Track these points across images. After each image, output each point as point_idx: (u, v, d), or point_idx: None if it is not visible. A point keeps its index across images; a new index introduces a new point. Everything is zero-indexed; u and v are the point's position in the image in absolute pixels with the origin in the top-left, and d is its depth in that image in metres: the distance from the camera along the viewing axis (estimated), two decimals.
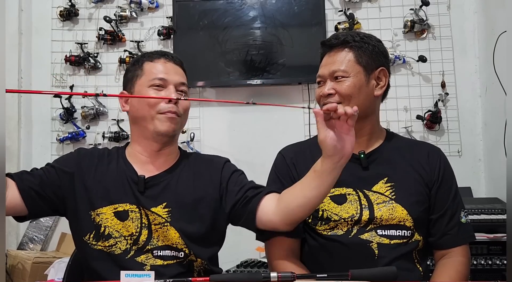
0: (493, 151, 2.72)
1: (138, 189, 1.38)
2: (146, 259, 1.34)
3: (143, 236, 1.34)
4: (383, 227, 1.36)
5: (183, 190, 1.41)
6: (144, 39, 3.05)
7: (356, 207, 1.38)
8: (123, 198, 1.37)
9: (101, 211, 1.36)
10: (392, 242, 1.35)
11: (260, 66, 2.91)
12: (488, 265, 2.23)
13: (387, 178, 1.40)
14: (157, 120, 1.37)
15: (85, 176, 1.39)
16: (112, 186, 1.38)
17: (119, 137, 2.96)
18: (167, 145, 1.43)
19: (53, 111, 3.04)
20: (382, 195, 1.39)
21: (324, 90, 1.40)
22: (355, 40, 1.43)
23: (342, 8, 2.98)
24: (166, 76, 1.39)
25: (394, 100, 2.89)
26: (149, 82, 1.39)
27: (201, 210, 1.39)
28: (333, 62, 1.42)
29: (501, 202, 2.45)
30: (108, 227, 1.35)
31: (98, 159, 1.43)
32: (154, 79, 1.39)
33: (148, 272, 0.99)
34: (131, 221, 1.35)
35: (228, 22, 2.94)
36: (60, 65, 3.09)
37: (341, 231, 1.38)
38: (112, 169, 1.42)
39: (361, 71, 1.41)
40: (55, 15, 3.09)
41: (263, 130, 2.99)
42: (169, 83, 1.39)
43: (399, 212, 1.36)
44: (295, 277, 1.03)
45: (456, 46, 2.95)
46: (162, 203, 1.37)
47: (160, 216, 1.36)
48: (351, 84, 1.40)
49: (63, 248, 2.94)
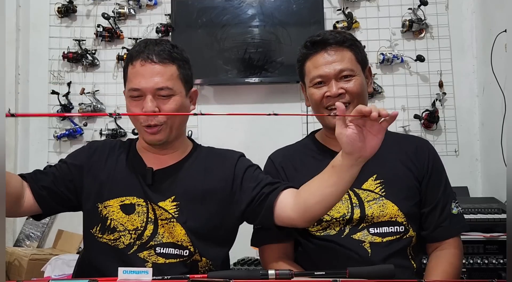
0: (490, 151, 2.73)
1: (146, 181, 1.35)
2: (149, 256, 1.31)
3: (148, 231, 1.32)
4: (375, 225, 1.36)
5: (192, 184, 1.36)
6: (142, 36, 3.04)
7: (347, 206, 1.38)
8: (131, 191, 1.34)
9: (108, 204, 1.34)
10: (385, 240, 1.35)
11: (258, 65, 2.91)
12: (484, 264, 2.23)
13: (376, 175, 1.39)
14: (143, 132, 1.33)
15: (95, 169, 1.37)
16: (120, 178, 1.36)
17: (116, 134, 2.95)
18: (168, 145, 1.38)
19: (51, 108, 3.03)
20: (372, 192, 1.38)
21: (332, 91, 1.36)
22: (349, 39, 1.41)
23: (340, 7, 2.98)
24: (140, 85, 1.29)
25: (392, 100, 2.89)
26: (128, 93, 1.32)
27: (210, 206, 1.35)
28: (336, 61, 1.38)
29: (497, 202, 2.46)
30: (113, 220, 1.33)
31: (109, 150, 1.41)
32: (130, 90, 1.31)
33: (146, 269, 0.97)
34: (137, 215, 1.33)
35: (227, 20, 2.93)
36: (57, 62, 3.08)
37: (333, 231, 1.38)
38: (122, 161, 1.39)
39: (361, 70, 1.41)
40: (53, 11, 3.07)
41: (260, 128, 2.99)
42: (145, 92, 1.29)
43: (389, 208, 1.36)
44: (293, 275, 1.03)
45: (454, 46, 2.96)
46: (170, 197, 1.34)
47: (167, 211, 1.33)
48: (359, 82, 1.38)
49: (59, 245, 2.93)
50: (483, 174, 2.89)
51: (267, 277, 1.02)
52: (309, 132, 1.61)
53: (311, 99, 1.44)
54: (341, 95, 1.37)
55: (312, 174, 1.43)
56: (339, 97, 1.36)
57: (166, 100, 1.30)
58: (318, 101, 1.40)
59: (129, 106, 1.33)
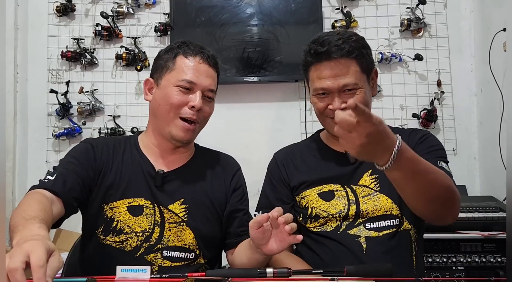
0: (488, 150, 2.73)
1: (155, 183, 1.34)
2: (155, 259, 1.30)
3: (155, 234, 1.31)
4: (370, 220, 1.37)
5: (201, 187, 1.39)
6: (141, 35, 3.04)
7: (344, 203, 1.39)
8: (139, 192, 1.33)
9: (114, 205, 1.32)
10: (381, 234, 1.36)
11: (257, 64, 2.91)
12: (482, 263, 2.24)
13: (371, 170, 1.41)
14: (174, 125, 1.33)
15: (102, 166, 1.35)
16: (128, 179, 1.35)
17: (115, 133, 2.95)
18: (182, 146, 1.41)
19: (49, 107, 3.02)
20: (367, 187, 1.40)
21: (335, 105, 1.35)
22: (356, 47, 1.36)
23: (339, 6, 2.98)
24: (196, 80, 1.33)
25: (390, 99, 2.89)
26: (177, 82, 1.33)
27: (216, 210, 1.39)
28: (340, 74, 1.34)
29: (495, 200, 2.46)
30: (120, 222, 1.31)
31: (113, 150, 1.39)
32: (183, 80, 1.33)
33: (144, 267, 0.97)
34: (145, 217, 1.32)
35: (225, 19, 2.93)
36: (56, 61, 3.07)
37: (330, 227, 1.39)
38: (127, 160, 1.38)
39: (365, 79, 1.39)
40: (52, 10, 3.06)
41: (259, 127, 2.98)
42: (197, 87, 1.33)
43: (383, 202, 1.37)
44: (291, 273, 1.03)
45: (452, 45, 2.96)
46: (179, 199, 1.35)
47: (176, 215, 1.33)
48: (363, 95, 1.36)
49: (58, 244, 2.93)
50: (481, 172, 2.89)
51: (265, 275, 1.03)
52: (315, 131, 1.63)
53: (314, 107, 1.45)
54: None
55: (311, 172, 1.45)
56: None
57: (208, 103, 1.38)
58: (321, 111, 1.42)
59: (173, 95, 1.33)
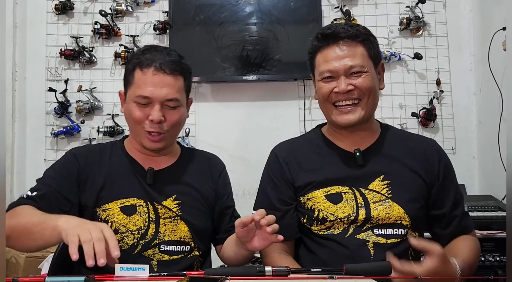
0: (487, 149, 2.73)
1: (147, 181, 1.38)
2: (153, 254, 1.34)
3: (151, 230, 1.34)
4: (379, 227, 1.34)
5: (191, 183, 1.43)
6: (140, 33, 3.03)
7: (352, 206, 1.35)
8: (130, 192, 1.37)
9: (107, 207, 1.35)
10: (389, 241, 1.33)
11: (256, 62, 2.90)
12: (481, 262, 2.24)
13: (383, 176, 1.37)
14: (143, 136, 1.36)
15: (88, 174, 1.38)
16: (118, 181, 1.38)
17: (114, 132, 2.94)
18: (164, 150, 1.43)
19: (48, 105, 3.02)
20: (378, 193, 1.36)
21: (341, 87, 1.33)
22: (363, 33, 1.37)
23: (338, 5, 2.97)
24: (150, 94, 1.31)
25: (389, 97, 2.90)
26: (134, 98, 1.33)
27: (207, 204, 1.44)
28: (347, 56, 1.34)
29: (494, 199, 2.46)
30: (114, 222, 1.34)
31: (99, 155, 1.42)
32: (139, 96, 1.32)
33: (143, 266, 0.98)
34: (138, 215, 1.35)
35: (224, 17, 2.93)
36: (55, 59, 3.06)
37: (337, 230, 1.36)
38: (116, 163, 1.41)
39: (372, 66, 1.37)
40: (50, 8, 3.05)
41: (258, 126, 2.98)
42: (155, 100, 1.31)
43: (395, 211, 1.34)
44: (289, 272, 1.03)
45: (451, 44, 2.96)
46: (171, 196, 1.39)
47: (170, 210, 1.37)
48: (369, 78, 1.34)
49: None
50: (480, 171, 2.89)
51: (264, 273, 1.02)
52: (315, 126, 1.58)
53: (319, 92, 1.41)
54: (350, 91, 1.34)
55: (317, 172, 1.41)
56: (348, 93, 1.34)
57: (172, 111, 1.35)
58: (325, 96, 1.38)
59: (133, 111, 1.35)
